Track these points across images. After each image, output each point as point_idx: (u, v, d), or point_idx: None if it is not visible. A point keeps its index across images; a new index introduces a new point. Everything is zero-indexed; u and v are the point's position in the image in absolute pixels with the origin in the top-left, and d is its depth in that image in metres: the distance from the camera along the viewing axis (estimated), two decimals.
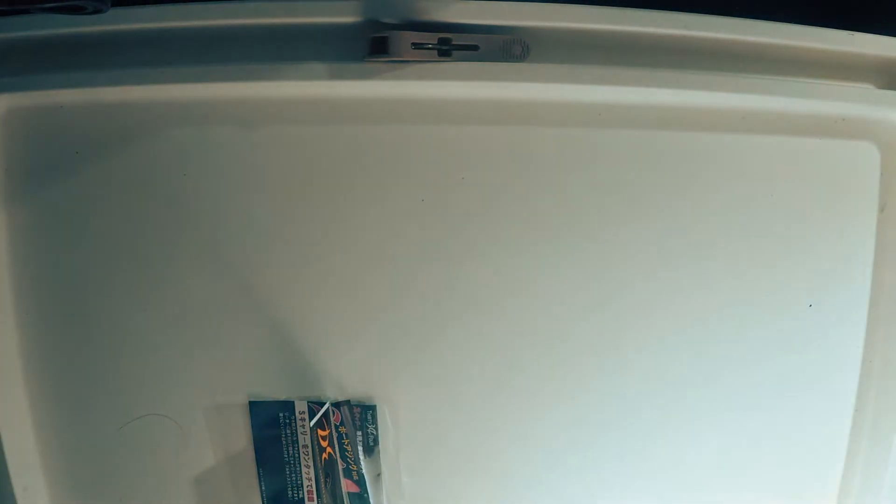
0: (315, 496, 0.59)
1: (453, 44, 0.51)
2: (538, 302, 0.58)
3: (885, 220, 0.61)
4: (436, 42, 0.51)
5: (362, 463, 0.60)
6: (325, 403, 0.58)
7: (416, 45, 0.51)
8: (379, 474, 0.60)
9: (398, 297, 0.57)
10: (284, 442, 0.59)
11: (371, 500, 0.60)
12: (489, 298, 0.58)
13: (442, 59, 0.51)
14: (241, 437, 0.59)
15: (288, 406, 0.58)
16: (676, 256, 0.59)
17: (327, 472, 0.59)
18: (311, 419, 0.58)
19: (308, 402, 0.58)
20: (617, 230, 0.58)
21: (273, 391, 0.58)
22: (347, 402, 0.59)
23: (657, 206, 0.58)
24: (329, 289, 0.57)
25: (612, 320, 0.59)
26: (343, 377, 0.58)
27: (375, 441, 0.60)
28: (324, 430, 0.58)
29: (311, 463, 0.59)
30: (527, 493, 0.62)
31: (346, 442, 0.59)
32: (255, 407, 0.58)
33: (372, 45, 0.51)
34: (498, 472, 0.61)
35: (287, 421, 0.58)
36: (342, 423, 0.59)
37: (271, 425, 0.58)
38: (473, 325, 0.58)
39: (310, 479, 0.59)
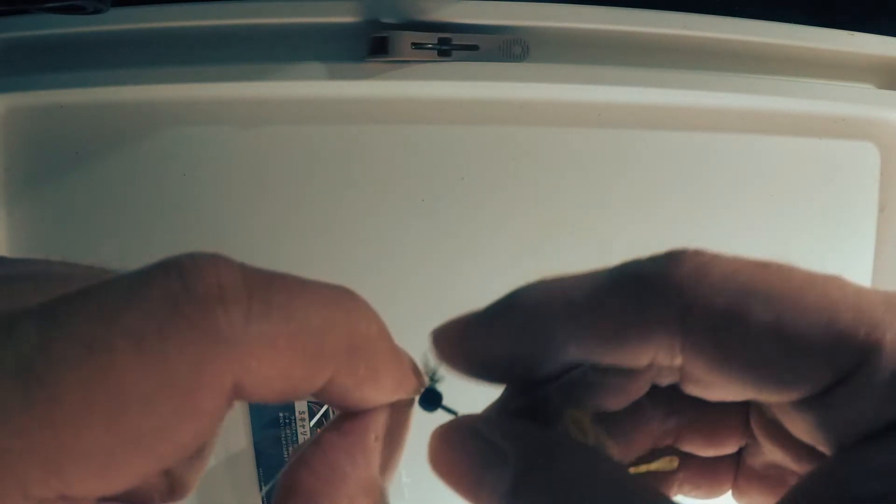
0: None
1: (453, 44, 0.51)
2: None
3: (885, 219, 0.61)
4: (436, 42, 0.51)
5: None
6: (324, 403, 0.58)
7: (416, 45, 0.51)
8: None
9: (398, 296, 0.57)
10: (284, 442, 0.59)
11: None
12: (489, 298, 0.58)
13: (442, 59, 0.51)
14: (240, 438, 0.59)
15: (288, 406, 0.58)
16: None
17: None
18: (311, 419, 0.58)
19: (308, 401, 0.58)
20: (617, 230, 0.58)
21: None
22: None
23: (657, 207, 0.58)
24: None
25: None
26: None
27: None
28: None
29: None
30: None
31: None
32: (254, 407, 0.58)
33: (372, 45, 0.51)
34: None
35: (287, 421, 0.58)
36: None
37: (271, 425, 0.58)
38: None
39: None
